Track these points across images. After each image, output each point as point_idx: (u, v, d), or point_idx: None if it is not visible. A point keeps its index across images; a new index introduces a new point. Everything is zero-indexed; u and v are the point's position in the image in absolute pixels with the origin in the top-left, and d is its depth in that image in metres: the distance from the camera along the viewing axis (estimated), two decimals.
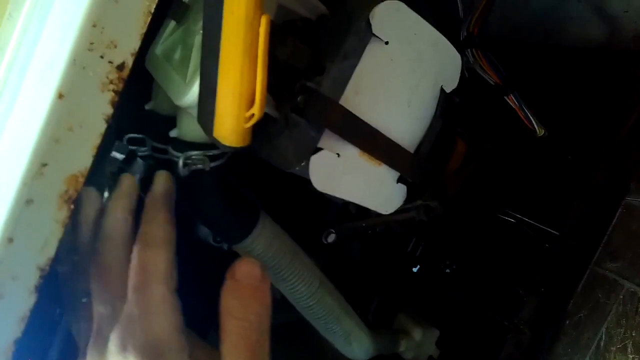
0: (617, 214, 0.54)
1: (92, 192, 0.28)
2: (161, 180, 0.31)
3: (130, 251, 0.27)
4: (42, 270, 0.23)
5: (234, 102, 0.28)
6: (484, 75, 0.49)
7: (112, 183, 0.32)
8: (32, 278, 0.22)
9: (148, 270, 0.25)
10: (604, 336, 0.51)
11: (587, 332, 0.53)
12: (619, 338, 0.49)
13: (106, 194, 0.34)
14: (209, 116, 0.29)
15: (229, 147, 0.30)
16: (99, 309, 0.26)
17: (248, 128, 0.29)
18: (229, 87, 0.28)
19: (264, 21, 0.26)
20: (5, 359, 0.23)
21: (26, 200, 0.21)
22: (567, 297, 0.55)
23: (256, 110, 0.27)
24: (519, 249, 0.60)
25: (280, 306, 0.44)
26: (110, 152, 0.35)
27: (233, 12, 0.26)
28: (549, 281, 0.56)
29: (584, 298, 0.54)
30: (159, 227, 0.28)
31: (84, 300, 0.27)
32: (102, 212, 0.29)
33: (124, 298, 0.25)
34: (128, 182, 0.30)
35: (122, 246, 0.27)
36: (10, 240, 0.21)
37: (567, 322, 0.55)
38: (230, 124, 0.29)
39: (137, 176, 0.35)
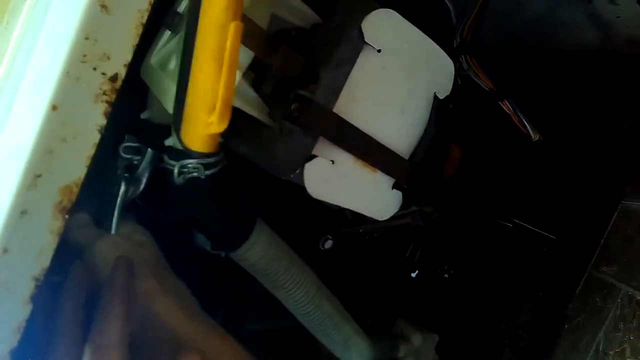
0: (614, 218, 0.54)
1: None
2: (120, 271, 0.29)
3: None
4: (37, 280, 0.23)
5: (197, 106, 0.28)
6: (477, 81, 0.49)
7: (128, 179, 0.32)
8: (27, 288, 0.23)
9: None
10: (602, 340, 0.51)
11: (585, 336, 0.53)
12: (617, 342, 0.49)
13: (122, 188, 0.34)
14: (179, 118, 0.29)
15: (193, 151, 0.30)
16: None
17: (210, 135, 0.29)
18: (194, 90, 0.28)
19: (232, 28, 0.26)
20: None
21: (21, 211, 0.21)
22: (565, 301, 0.55)
23: (215, 118, 0.27)
24: (517, 253, 0.60)
25: (277, 312, 0.44)
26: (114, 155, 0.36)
27: (206, 15, 0.26)
28: (547, 285, 0.56)
29: (581, 302, 0.54)
30: (115, 324, 0.26)
31: None
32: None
33: None
34: (76, 274, 0.29)
35: (70, 345, 0.26)
36: (5, 250, 0.21)
37: (566, 326, 0.55)
38: (193, 128, 0.29)
39: (144, 180, 0.35)
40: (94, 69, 0.21)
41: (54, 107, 0.21)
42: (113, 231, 0.33)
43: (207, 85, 0.27)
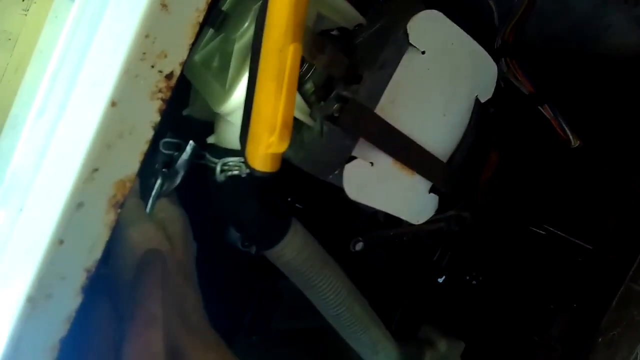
0: None
1: None
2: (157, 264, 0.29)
3: None
4: (88, 271, 0.23)
5: (259, 127, 0.29)
6: (517, 85, 0.48)
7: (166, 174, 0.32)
8: (79, 279, 0.23)
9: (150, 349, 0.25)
10: (638, 356, 0.49)
11: (621, 351, 0.51)
12: None
13: (158, 182, 0.34)
14: (244, 137, 0.30)
15: (256, 170, 0.30)
16: None
17: (270, 154, 0.29)
18: (256, 112, 0.28)
19: (292, 50, 0.26)
20: (51, 357, 0.24)
21: (77, 204, 0.22)
22: (601, 313, 0.53)
23: (275, 139, 0.28)
24: (551, 262, 0.58)
25: (305, 312, 0.44)
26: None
27: (268, 39, 0.27)
28: (582, 297, 0.54)
29: (618, 315, 0.53)
30: (156, 301, 0.27)
31: None
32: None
33: None
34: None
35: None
36: (61, 242, 0.22)
37: (600, 339, 0.53)
38: (255, 148, 0.29)
39: (180, 176, 0.36)
40: (152, 66, 0.22)
41: (113, 103, 0.21)
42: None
43: (268, 106, 0.27)
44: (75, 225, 0.22)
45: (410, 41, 0.33)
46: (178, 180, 0.37)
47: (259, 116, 0.29)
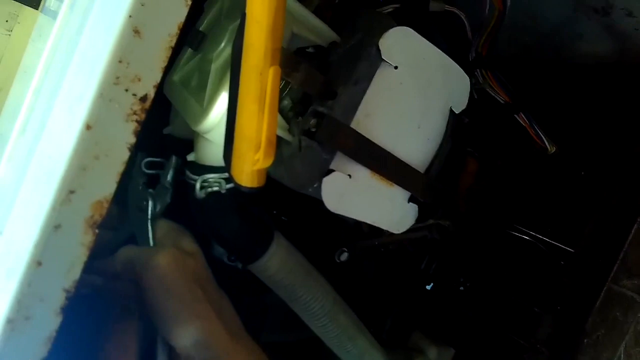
0: (633, 231, 0.54)
1: None
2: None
3: None
4: (67, 292, 0.24)
5: (243, 145, 0.30)
6: (493, 94, 0.49)
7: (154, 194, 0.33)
8: (58, 300, 0.23)
9: None
10: (622, 356, 0.50)
11: (605, 352, 0.52)
12: (638, 357, 0.48)
13: (150, 203, 0.35)
14: (228, 155, 0.31)
15: (242, 186, 0.31)
16: None
17: (257, 170, 0.30)
18: (240, 131, 0.29)
19: (271, 72, 0.28)
20: None
21: (55, 226, 0.22)
22: (585, 315, 0.54)
23: (260, 156, 0.29)
24: (534, 266, 0.59)
25: (294, 324, 0.45)
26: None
27: (247, 62, 0.28)
28: (566, 299, 0.55)
29: (601, 316, 0.54)
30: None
31: None
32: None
33: None
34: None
35: None
36: (39, 263, 0.22)
37: (585, 341, 0.54)
38: (241, 165, 0.30)
39: (169, 194, 0.36)
40: (126, 90, 0.23)
41: (88, 127, 0.22)
42: (151, 244, 0.34)
43: (252, 126, 0.28)
44: (53, 246, 0.23)
45: (382, 57, 0.34)
46: (168, 197, 0.37)
47: (242, 136, 0.30)
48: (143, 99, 0.23)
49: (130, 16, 0.22)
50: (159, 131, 0.39)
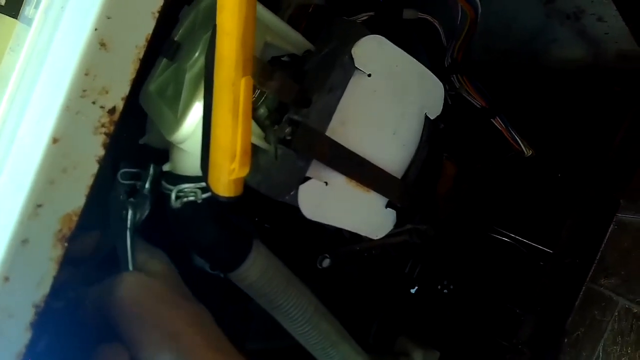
0: (609, 231, 0.55)
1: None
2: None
3: None
4: (37, 307, 0.23)
5: (219, 155, 0.30)
6: (470, 99, 0.50)
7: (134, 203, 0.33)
8: (27, 315, 0.23)
9: None
10: (601, 354, 0.51)
11: (585, 351, 0.53)
12: (616, 355, 0.49)
13: (130, 213, 0.34)
14: (205, 165, 0.31)
15: (220, 196, 0.31)
16: None
17: (233, 180, 0.30)
18: (215, 142, 0.30)
19: (243, 83, 0.28)
20: None
21: (22, 240, 0.22)
22: (565, 315, 0.55)
23: (236, 165, 0.29)
24: (514, 268, 0.60)
25: (278, 332, 0.45)
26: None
27: (219, 74, 0.28)
28: (546, 300, 0.56)
29: (581, 316, 0.54)
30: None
31: None
32: None
33: None
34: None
35: None
36: (6, 279, 0.22)
37: (566, 340, 0.55)
38: (217, 175, 0.30)
39: (148, 204, 0.36)
40: (93, 102, 0.22)
41: (54, 140, 0.22)
42: (130, 267, 0.33)
43: (226, 136, 0.29)
44: (20, 261, 0.22)
45: (356, 65, 0.35)
46: (147, 206, 0.37)
47: (218, 146, 0.30)
48: (111, 111, 0.23)
49: (96, 29, 0.22)
50: (136, 141, 0.39)
